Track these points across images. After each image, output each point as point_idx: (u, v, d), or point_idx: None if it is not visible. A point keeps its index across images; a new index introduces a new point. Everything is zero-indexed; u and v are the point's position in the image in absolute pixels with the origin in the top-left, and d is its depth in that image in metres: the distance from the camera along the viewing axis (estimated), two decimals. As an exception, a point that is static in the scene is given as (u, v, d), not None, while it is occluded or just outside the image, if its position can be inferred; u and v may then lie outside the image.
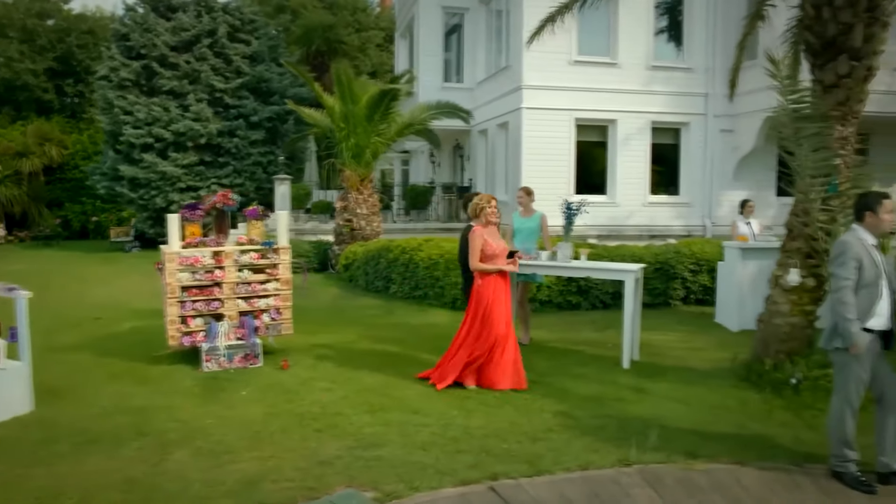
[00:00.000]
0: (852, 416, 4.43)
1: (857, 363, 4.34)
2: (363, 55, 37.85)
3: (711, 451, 4.98)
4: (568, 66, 16.09)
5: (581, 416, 5.76)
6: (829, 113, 6.19)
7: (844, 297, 4.28)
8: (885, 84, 17.00)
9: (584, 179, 16.71)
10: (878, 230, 4.50)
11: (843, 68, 6.08)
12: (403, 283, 11.85)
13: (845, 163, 6.18)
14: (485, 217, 6.66)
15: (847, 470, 4.47)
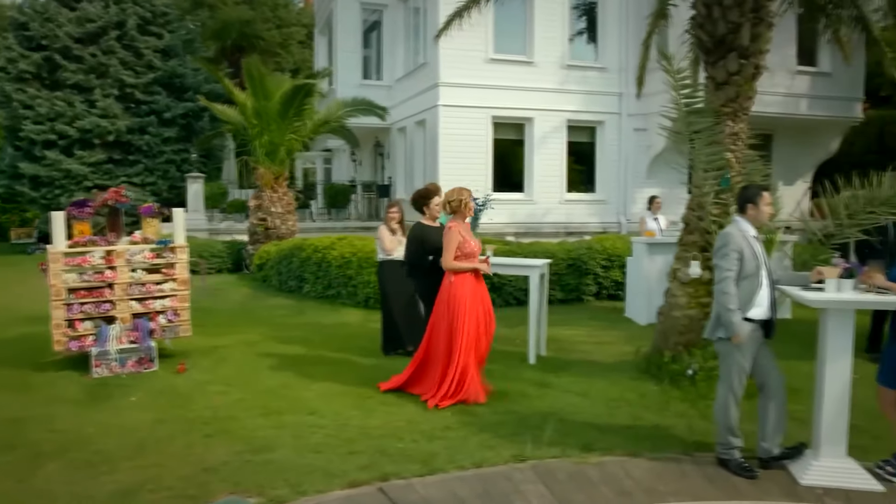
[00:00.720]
0: (736, 405, 4.51)
1: (740, 353, 4.42)
2: (285, 52, 37.16)
3: (607, 444, 5.00)
4: (484, 64, 16.13)
5: (482, 413, 5.71)
6: (720, 109, 6.33)
7: (726, 287, 4.35)
8: (785, 87, 17.80)
9: (502, 177, 16.79)
10: (759, 221, 4.61)
11: (732, 66, 6.23)
12: (316, 282, 11.63)
13: (737, 158, 6.33)
14: (467, 211, 6.09)
15: (731, 457, 4.55)
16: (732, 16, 6.17)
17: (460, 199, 6.04)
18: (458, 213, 6.08)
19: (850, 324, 4.36)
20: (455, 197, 6.06)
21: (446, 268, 6.00)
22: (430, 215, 6.71)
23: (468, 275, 6.00)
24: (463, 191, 6.10)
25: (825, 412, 4.42)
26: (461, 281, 5.98)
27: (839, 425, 4.42)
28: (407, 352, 7.47)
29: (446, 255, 5.96)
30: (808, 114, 18.27)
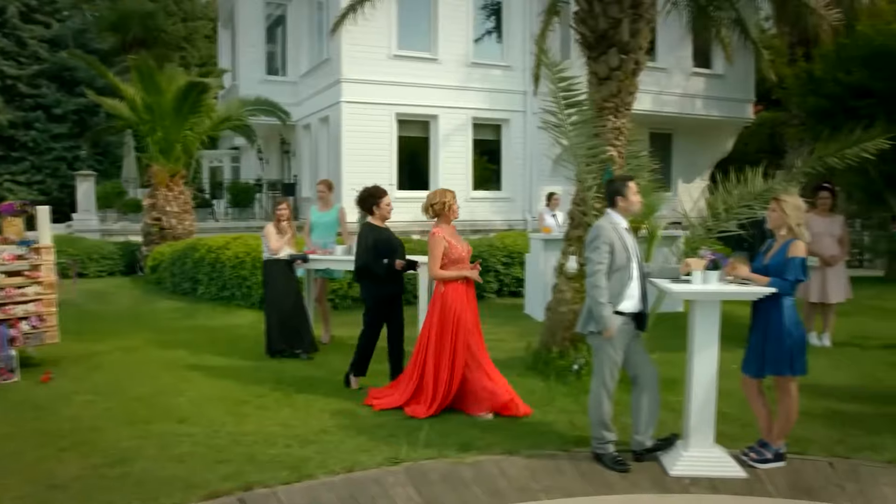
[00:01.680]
0: (608, 399, 4.50)
1: (611, 346, 4.41)
2: (190, 46, 35.86)
3: (487, 443, 4.90)
4: (388, 61, 15.93)
5: (362, 414, 5.54)
6: (603, 104, 6.37)
7: (597, 281, 4.33)
8: (682, 87, 18.41)
9: (408, 175, 16.65)
10: (629, 213, 4.61)
11: (613, 61, 6.28)
12: (210, 283, 11.17)
13: (619, 152, 6.38)
14: (452, 214, 5.61)
15: (606, 451, 4.54)
16: (612, 11, 6.22)
17: (443, 202, 5.57)
18: (442, 216, 5.59)
19: (716, 315, 4.42)
20: (438, 199, 5.59)
21: (434, 277, 5.53)
22: (379, 216, 6.21)
23: (459, 283, 5.53)
24: (446, 192, 5.66)
25: (693, 402, 4.47)
26: (453, 290, 5.48)
27: (707, 415, 4.48)
28: (293, 354, 7.23)
29: (433, 264, 5.47)
30: (704, 114, 18.94)
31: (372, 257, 6.03)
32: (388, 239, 6.19)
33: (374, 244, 6.07)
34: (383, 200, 6.25)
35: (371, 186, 6.39)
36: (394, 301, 6.25)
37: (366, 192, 6.36)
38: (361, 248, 6.15)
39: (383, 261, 6.02)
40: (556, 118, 6.13)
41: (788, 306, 4.34)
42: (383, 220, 6.26)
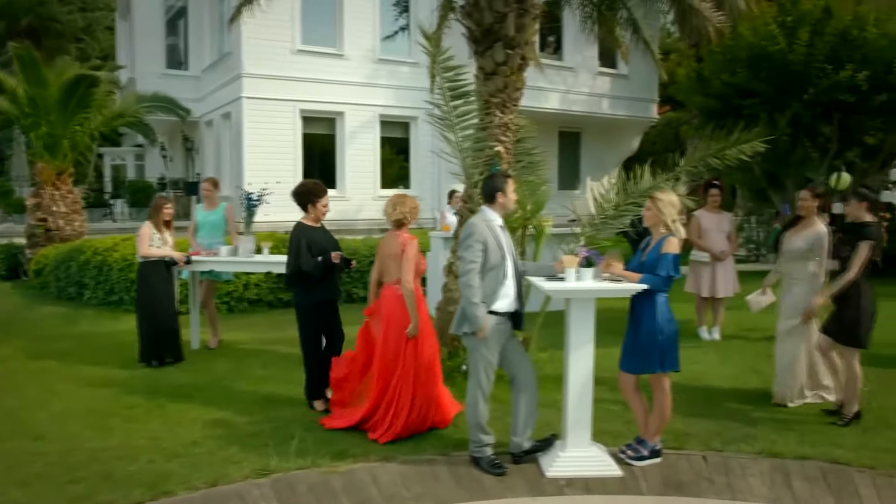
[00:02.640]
0: (485, 400, 4.40)
1: (486, 347, 4.30)
2: (90, 38, 34.21)
3: (364, 450, 4.72)
4: (291, 56, 15.52)
5: (239, 424, 5.27)
6: (490, 99, 6.28)
7: (470, 280, 4.21)
8: (588, 87, 18.70)
9: (313, 173, 16.23)
10: (506, 210, 4.52)
11: (499, 56, 6.20)
12: (97, 287, 10.54)
13: (506, 148, 6.31)
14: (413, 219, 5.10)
15: (483, 454, 4.43)
16: (498, 6, 6.13)
17: (414, 208, 5.08)
18: (408, 224, 5.09)
19: (590, 313, 4.37)
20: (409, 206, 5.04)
21: (409, 289, 4.83)
22: (314, 216, 5.64)
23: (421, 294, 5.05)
24: (406, 198, 5.13)
25: (570, 402, 4.41)
26: (421, 302, 4.98)
27: (583, 414, 4.43)
28: (166, 362, 6.83)
29: (408, 276, 4.84)
30: (610, 113, 19.31)
31: (305, 259, 5.44)
32: (323, 239, 5.61)
33: (307, 245, 5.47)
34: (321, 200, 5.63)
35: (311, 182, 5.82)
36: (328, 308, 5.65)
37: (304, 188, 5.70)
38: (292, 252, 5.52)
39: (318, 258, 5.43)
40: (441, 111, 6.02)
41: (661, 303, 4.34)
42: (317, 220, 5.68)
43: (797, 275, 5.60)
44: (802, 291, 5.59)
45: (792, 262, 5.66)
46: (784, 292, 5.77)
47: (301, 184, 5.83)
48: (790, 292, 5.66)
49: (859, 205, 5.38)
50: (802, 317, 5.57)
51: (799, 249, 5.56)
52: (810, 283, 5.60)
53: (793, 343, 5.62)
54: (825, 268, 5.65)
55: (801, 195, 5.70)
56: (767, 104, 7.80)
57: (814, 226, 5.60)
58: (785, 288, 5.77)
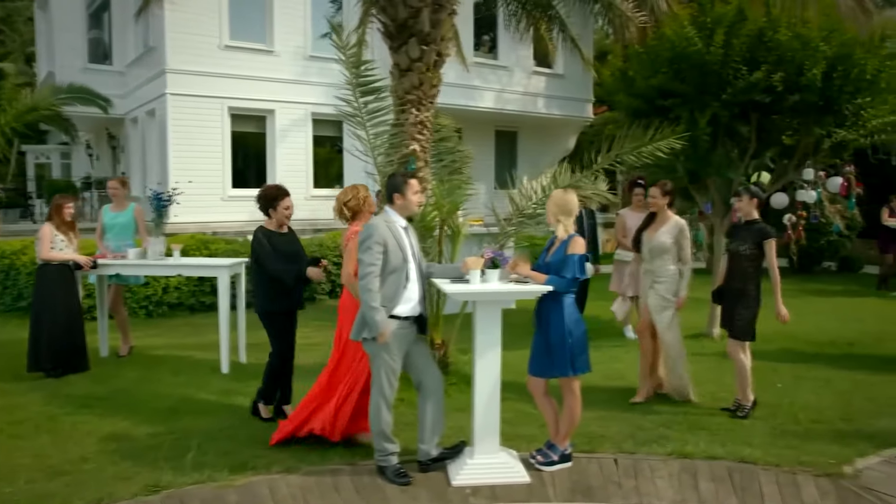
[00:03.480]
0: (388, 408, 4.23)
1: (387, 353, 4.13)
2: (9, 29, 32.73)
3: (269, 461, 4.51)
4: (219, 51, 15.05)
5: (137, 436, 5.00)
6: (405, 96, 6.14)
7: (369, 284, 4.04)
8: (523, 86, 18.73)
9: (243, 172, 15.85)
10: (408, 211, 4.37)
11: (414, 52, 6.05)
12: (4, 293, 10.01)
13: (422, 147, 6.17)
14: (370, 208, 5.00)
15: (389, 464, 4.27)
16: (412, 0, 5.98)
17: (358, 197, 4.91)
18: (361, 214, 4.90)
19: (497, 316, 4.26)
20: (351, 196, 4.91)
21: (348, 283, 4.66)
22: (276, 220, 5.38)
23: None
24: (358, 187, 5.02)
25: (477, 407, 4.29)
26: None
27: (491, 420, 4.31)
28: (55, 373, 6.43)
29: (347, 269, 4.64)
30: (546, 112, 19.37)
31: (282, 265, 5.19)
32: (283, 245, 5.32)
33: (271, 250, 5.20)
34: (282, 203, 5.34)
35: (271, 186, 5.56)
36: (290, 318, 5.47)
37: (264, 194, 5.43)
38: (259, 256, 5.21)
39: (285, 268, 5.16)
40: (352, 107, 5.86)
41: (569, 304, 4.26)
42: (280, 225, 5.41)
43: (662, 272, 5.66)
44: (665, 289, 5.64)
45: (657, 260, 5.69)
46: (648, 292, 5.78)
47: (263, 190, 5.53)
48: (654, 290, 5.69)
49: (750, 202, 5.47)
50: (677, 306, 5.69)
51: (664, 245, 5.63)
52: (673, 279, 5.67)
53: (673, 335, 5.66)
54: (689, 262, 5.74)
55: (651, 192, 5.78)
56: (688, 104, 7.85)
57: (671, 219, 5.71)
58: (648, 287, 5.79)
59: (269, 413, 5.39)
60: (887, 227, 12.26)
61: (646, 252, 5.76)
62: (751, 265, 5.41)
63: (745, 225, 5.53)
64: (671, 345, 5.67)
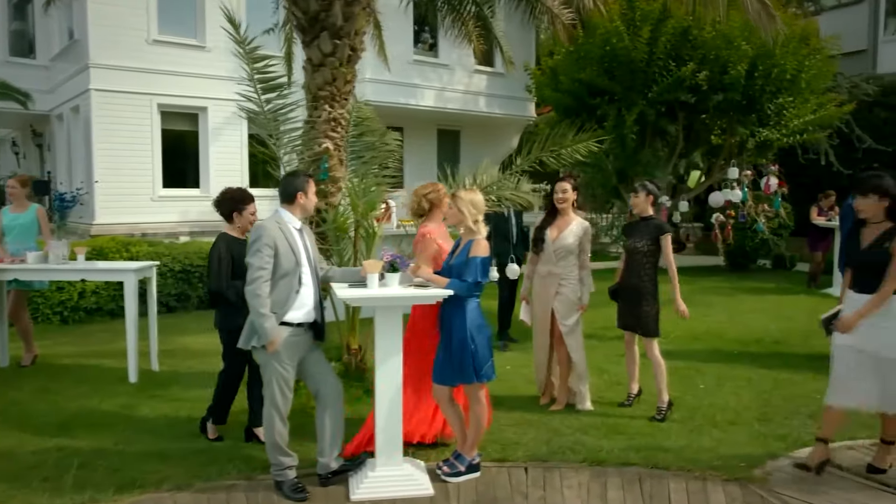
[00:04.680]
0: (281, 420, 4.01)
1: (278, 361, 3.91)
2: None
3: (161, 476, 4.25)
4: (147, 46, 14.52)
5: (20, 454, 4.66)
6: (318, 92, 5.91)
7: (257, 289, 3.81)
8: (464, 84, 18.60)
9: (174, 172, 15.34)
10: (306, 212, 4.15)
11: (326, 46, 5.83)
12: None
13: (336, 145, 5.94)
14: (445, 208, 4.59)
15: (285, 478, 4.05)
16: (324, -7, 5.76)
17: (439, 192, 4.67)
18: (435, 211, 4.69)
19: (397, 322, 4.07)
20: (431, 189, 4.68)
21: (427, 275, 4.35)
22: (240, 227, 4.94)
23: None
24: (438, 184, 4.82)
25: (379, 417, 4.10)
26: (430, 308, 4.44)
27: (393, 430, 4.12)
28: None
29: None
30: (487, 111, 19.24)
31: (226, 278, 4.73)
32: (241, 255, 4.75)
33: (229, 261, 4.75)
34: (248, 208, 4.94)
35: (235, 189, 5.09)
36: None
37: (226, 195, 4.97)
38: (211, 268, 4.82)
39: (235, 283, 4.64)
40: (254, 103, 5.61)
41: (472, 309, 4.09)
42: (244, 232, 4.96)
43: (568, 273, 5.51)
44: (572, 291, 5.51)
45: (562, 262, 5.51)
46: (555, 294, 5.55)
47: (223, 191, 5.06)
48: (560, 293, 5.53)
49: (646, 199, 5.44)
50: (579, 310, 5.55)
51: (570, 246, 5.47)
52: (577, 279, 5.54)
53: (576, 340, 5.53)
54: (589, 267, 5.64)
55: (559, 186, 5.52)
56: (616, 102, 7.79)
57: (575, 219, 5.57)
58: (552, 290, 5.56)
59: (215, 433, 4.95)
60: (816, 225, 12.46)
61: (550, 253, 5.53)
62: (648, 261, 5.38)
63: (641, 221, 5.50)
64: (576, 349, 5.52)
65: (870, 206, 4.09)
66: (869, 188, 4.08)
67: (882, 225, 4.09)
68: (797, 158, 14.94)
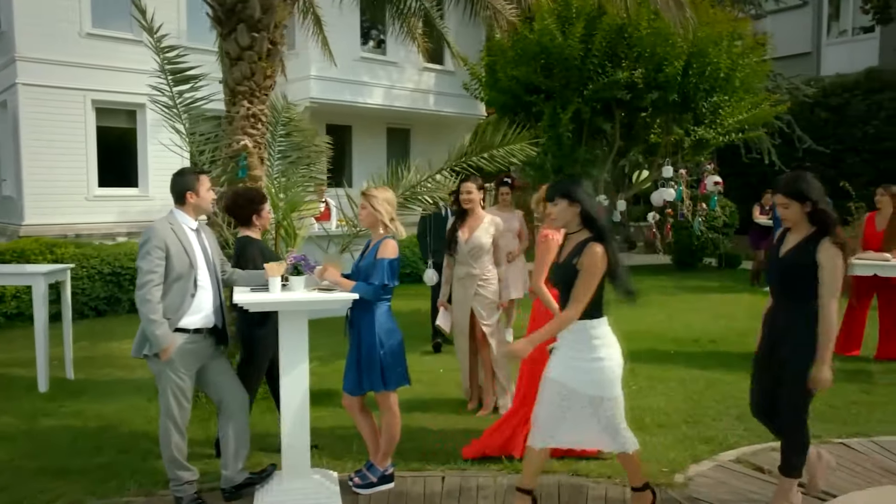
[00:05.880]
0: (179, 433, 3.77)
1: (173, 370, 3.67)
2: None
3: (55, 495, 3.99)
4: (80, 39, 13.98)
5: None
6: (236, 87, 5.67)
7: (147, 294, 3.57)
8: (414, 83, 18.41)
9: (111, 170, 14.81)
10: (200, 211, 3.91)
11: (244, 39, 5.59)
12: None
13: (256, 142, 5.70)
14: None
15: (185, 493, 3.82)
16: (240, -18, 5.51)
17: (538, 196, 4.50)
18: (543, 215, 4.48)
19: (302, 327, 3.85)
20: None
21: (539, 291, 4.26)
22: (260, 227, 4.68)
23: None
24: None
25: (284, 427, 3.89)
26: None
27: (301, 439, 3.92)
28: None
29: (539, 276, 4.25)
30: (437, 110, 19.07)
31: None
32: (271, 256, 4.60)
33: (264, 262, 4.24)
34: (265, 207, 4.68)
35: (247, 190, 4.84)
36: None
37: (242, 198, 4.65)
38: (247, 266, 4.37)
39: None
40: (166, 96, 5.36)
41: (381, 314, 3.91)
42: (263, 230, 4.76)
43: (485, 273, 5.36)
44: (492, 291, 5.38)
45: (478, 261, 5.35)
46: (473, 298, 5.38)
47: (233, 196, 4.72)
48: (479, 294, 5.38)
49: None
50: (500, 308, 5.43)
51: (484, 245, 5.32)
52: (495, 278, 5.41)
53: (500, 340, 5.39)
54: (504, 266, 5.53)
55: (463, 188, 5.37)
56: (552, 100, 7.68)
57: (485, 217, 5.41)
58: (471, 291, 5.38)
59: None
60: (759, 224, 12.59)
61: (465, 254, 5.35)
62: None
63: None
64: (498, 349, 5.37)
65: (788, 213, 3.55)
66: (784, 192, 3.54)
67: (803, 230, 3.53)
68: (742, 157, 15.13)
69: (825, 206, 3.45)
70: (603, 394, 3.40)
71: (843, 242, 3.39)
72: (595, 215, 3.43)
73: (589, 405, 3.41)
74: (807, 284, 3.45)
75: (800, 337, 3.46)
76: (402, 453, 4.52)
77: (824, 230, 3.41)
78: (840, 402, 5.79)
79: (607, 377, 3.40)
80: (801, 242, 3.52)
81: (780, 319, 3.61)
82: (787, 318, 3.55)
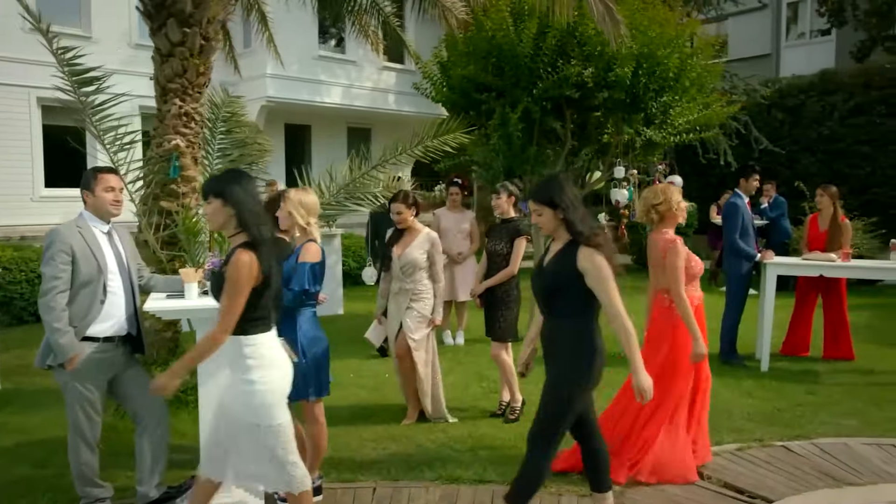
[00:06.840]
0: (88, 448, 3.59)
1: (80, 381, 3.48)
2: None
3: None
4: (25, 35, 13.49)
5: None
6: (167, 85, 5.47)
7: (50, 300, 3.37)
8: (373, 81, 18.23)
9: (61, 171, 14.37)
10: (101, 211, 3.66)
11: (175, 35, 5.41)
12: None
13: (189, 142, 5.51)
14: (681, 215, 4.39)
15: (97, 512, 3.62)
16: (169, -25, 5.32)
17: (670, 200, 4.32)
18: (668, 219, 4.36)
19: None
20: (662, 198, 4.32)
21: (679, 301, 4.21)
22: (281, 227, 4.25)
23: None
24: (670, 189, 4.44)
25: (202, 438, 3.69)
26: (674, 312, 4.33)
27: (220, 454, 3.73)
28: None
29: (678, 285, 4.20)
30: (397, 109, 18.89)
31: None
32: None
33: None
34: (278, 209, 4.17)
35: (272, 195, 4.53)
36: None
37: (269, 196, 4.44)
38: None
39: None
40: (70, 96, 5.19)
41: (305, 320, 3.76)
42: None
43: (419, 288, 5.21)
44: (424, 306, 5.22)
45: (411, 277, 5.16)
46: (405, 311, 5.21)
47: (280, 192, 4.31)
48: (412, 310, 5.20)
49: (508, 200, 5.32)
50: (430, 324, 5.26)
51: (417, 261, 5.16)
52: (429, 294, 5.26)
53: (423, 355, 5.24)
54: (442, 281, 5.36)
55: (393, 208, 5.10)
56: (501, 98, 7.57)
57: (421, 232, 5.20)
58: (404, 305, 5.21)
59: None
60: (716, 224, 12.64)
61: (397, 270, 5.17)
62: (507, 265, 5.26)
63: (501, 223, 5.36)
64: (423, 364, 5.21)
65: (542, 220, 3.27)
66: (535, 198, 3.28)
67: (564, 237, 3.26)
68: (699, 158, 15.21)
69: (573, 213, 3.16)
70: (259, 421, 2.93)
71: (599, 243, 3.13)
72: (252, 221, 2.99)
73: (247, 432, 2.96)
74: (569, 298, 3.20)
75: (560, 356, 3.26)
76: (335, 463, 4.40)
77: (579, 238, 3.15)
78: (786, 404, 5.78)
79: (259, 402, 2.92)
80: (559, 251, 3.26)
81: (547, 333, 3.37)
82: (552, 333, 3.33)
